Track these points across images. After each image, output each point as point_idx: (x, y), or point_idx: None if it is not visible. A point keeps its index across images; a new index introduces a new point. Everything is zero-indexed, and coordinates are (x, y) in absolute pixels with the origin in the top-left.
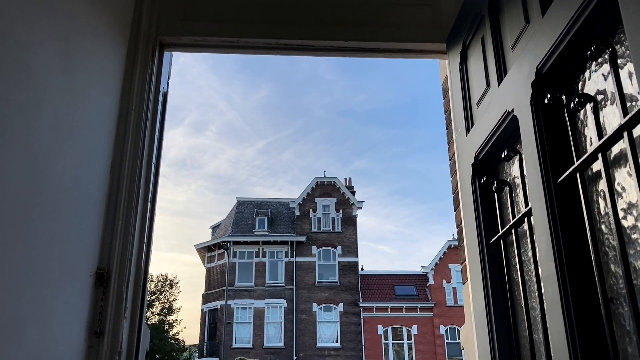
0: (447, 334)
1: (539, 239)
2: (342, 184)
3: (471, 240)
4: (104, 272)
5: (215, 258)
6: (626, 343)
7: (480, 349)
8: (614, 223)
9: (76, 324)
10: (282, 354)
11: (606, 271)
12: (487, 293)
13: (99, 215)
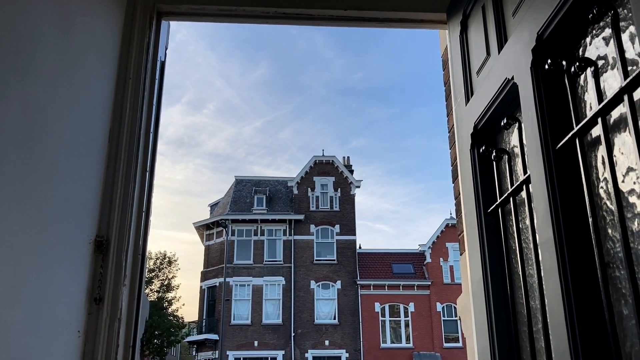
0: (444, 312)
1: (537, 206)
2: (340, 162)
3: (469, 210)
4: (103, 240)
5: (214, 236)
6: (622, 305)
7: (477, 317)
8: (612, 187)
9: (76, 289)
10: (281, 330)
11: (603, 235)
12: (485, 262)
13: (97, 184)
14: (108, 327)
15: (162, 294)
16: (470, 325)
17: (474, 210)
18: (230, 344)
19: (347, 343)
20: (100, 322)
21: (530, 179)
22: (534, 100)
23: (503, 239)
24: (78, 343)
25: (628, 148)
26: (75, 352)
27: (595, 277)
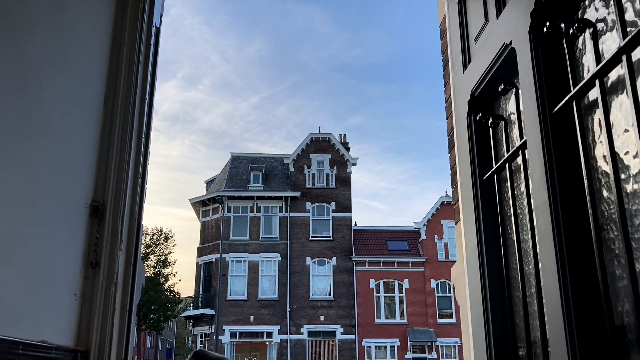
0: (438, 288)
1: (532, 171)
2: (336, 140)
3: (465, 178)
4: (99, 204)
5: (210, 212)
6: (615, 266)
7: (471, 284)
8: (608, 149)
9: (72, 253)
10: (276, 305)
11: (598, 198)
12: (479, 229)
13: (92, 148)
14: (104, 290)
15: (158, 269)
16: (464, 293)
17: (470, 178)
18: (226, 319)
19: (342, 318)
20: (96, 286)
21: (527, 144)
22: (531, 64)
23: (498, 206)
24: (75, 306)
25: (625, 110)
26: (72, 314)
27: (589, 239)
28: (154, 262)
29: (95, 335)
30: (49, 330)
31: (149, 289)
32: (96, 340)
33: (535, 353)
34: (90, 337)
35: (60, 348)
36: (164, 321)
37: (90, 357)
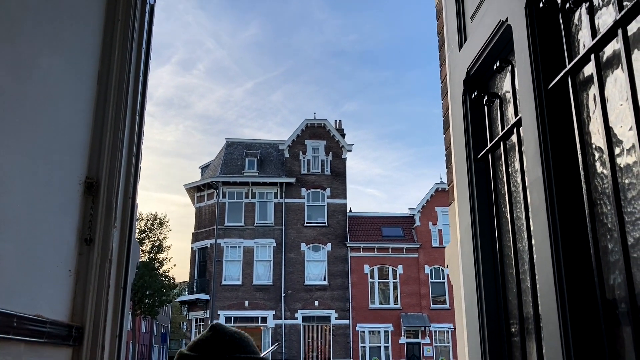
0: (432, 274)
1: (527, 147)
2: (332, 126)
3: (459, 157)
4: (93, 181)
5: (205, 198)
6: (607, 240)
7: (465, 262)
8: (602, 124)
9: (66, 229)
10: (271, 290)
11: (592, 173)
12: (473, 207)
13: (86, 125)
14: (99, 267)
15: (153, 254)
16: (457, 273)
17: (464, 157)
18: (221, 304)
19: (337, 303)
20: (91, 262)
21: (521, 121)
22: (527, 40)
23: (492, 184)
24: (69, 282)
25: (620, 84)
26: (67, 291)
27: (582, 214)
28: (149, 247)
29: (90, 311)
30: (44, 305)
31: (144, 274)
32: (91, 316)
33: (527, 329)
34: (85, 313)
35: (55, 322)
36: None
37: (85, 332)
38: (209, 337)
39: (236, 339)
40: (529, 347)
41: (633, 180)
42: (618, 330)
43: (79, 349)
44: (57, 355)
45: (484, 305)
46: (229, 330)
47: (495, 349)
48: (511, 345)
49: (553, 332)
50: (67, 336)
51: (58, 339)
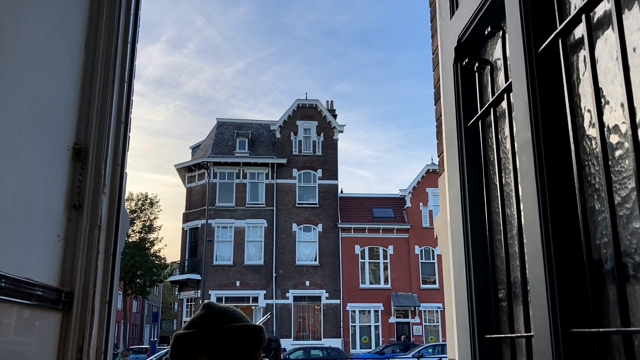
0: (422, 255)
1: (517, 111)
2: (323, 107)
3: (450, 126)
4: (82, 147)
5: (196, 178)
6: (594, 200)
7: (453, 230)
8: (592, 85)
9: (54, 194)
10: (262, 271)
11: (581, 135)
12: (463, 175)
13: (74, 92)
14: (88, 233)
15: (144, 234)
16: (446, 243)
17: (455, 125)
18: (212, 284)
19: (327, 283)
20: (80, 228)
21: (512, 86)
22: (518, 3)
23: (482, 152)
24: (58, 247)
25: (610, 45)
26: (56, 256)
27: (571, 176)
28: (140, 227)
29: (79, 277)
30: (33, 268)
31: (135, 254)
32: (80, 281)
33: (514, 293)
34: (74, 279)
35: (44, 286)
36: (150, 286)
37: (74, 298)
38: (203, 313)
39: (230, 311)
40: (516, 310)
41: (621, 140)
42: (603, 289)
43: (68, 314)
44: (46, 320)
45: (472, 271)
46: (221, 305)
47: (483, 315)
48: (498, 310)
49: (540, 294)
50: (56, 300)
51: (47, 303)
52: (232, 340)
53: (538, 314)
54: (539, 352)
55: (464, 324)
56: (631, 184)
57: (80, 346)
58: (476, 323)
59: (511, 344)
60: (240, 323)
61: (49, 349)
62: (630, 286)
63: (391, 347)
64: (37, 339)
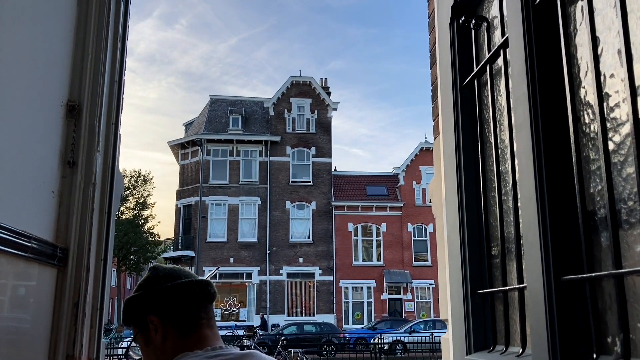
0: (414, 232)
1: (513, 65)
2: (317, 84)
3: (445, 86)
4: (75, 104)
5: (189, 155)
6: (589, 149)
7: (448, 188)
8: (589, 33)
9: (48, 150)
10: (256, 247)
11: (577, 85)
12: (458, 135)
13: (67, 48)
14: (82, 190)
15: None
16: (440, 205)
17: (450, 85)
18: (206, 261)
19: (321, 260)
20: (74, 185)
21: (508, 41)
22: None
23: (477, 111)
24: (53, 203)
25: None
26: (51, 211)
27: (566, 127)
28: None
29: (74, 233)
30: (28, 222)
31: (128, 230)
32: (75, 238)
33: (507, 248)
34: (69, 235)
35: (39, 239)
36: (144, 262)
37: (69, 254)
38: (150, 275)
39: (175, 270)
40: (509, 265)
41: (617, 87)
42: (596, 236)
43: (63, 270)
44: (42, 274)
45: (466, 229)
46: (167, 266)
47: (476, 271)
48: (491, 267)
49: (533, 244)
50: (51, 255)
51: (43, 257)
52: (179, 297)
53: (531, 264)
54: (532, 302)
55: (457, 282)
56: (625, 130)
57: (76, 302)
58: (469, 279)
59: (504, 298)
60: (186, 279)
61: (45, 303)
62: (623, 231)
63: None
64: (33, 293)
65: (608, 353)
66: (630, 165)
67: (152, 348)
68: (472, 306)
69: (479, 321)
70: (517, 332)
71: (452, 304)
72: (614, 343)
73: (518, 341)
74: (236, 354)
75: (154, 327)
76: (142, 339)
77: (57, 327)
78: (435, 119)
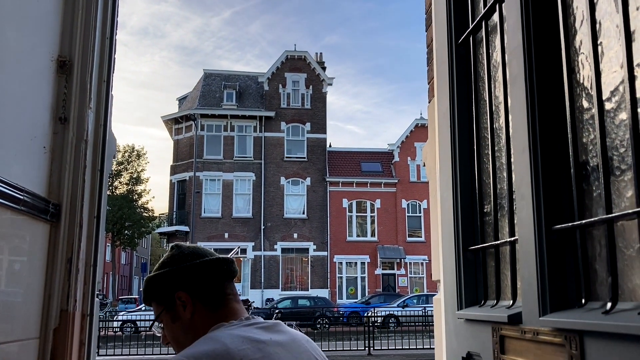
0: (409, 208)
1: (508, 18)
2: (312, 59)
3: (440, 45)
4: (66, 60)
5: (183, 130)
6: (582, 99)
7: (442, 148)
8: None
9: (39, 106)
10: (251, 223)
11: (572, 35)
12: (452, 93)
13: (57, 2)
14: (74, 147)
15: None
16: (434, 168)
17: (446, 45)
18: (200, 236)
19: (315, 236)
20: (66, 142)
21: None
22: None
23: (472, 68)
24: (45, 159)
25: None
26: (43, 167)
27: (560, 77)
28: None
29: (67, 189)
30: (20, 175)
31: (123, 205)
32: (68, 194)
33: (500, 204)
34: (62, 191)
35: (31, 193)
36: (138, 237)
37: (62, 210)
38: (175, 252)
39: (199, 249)
40: (501, 221)
41: (612, 33)
42: (587, 185)
43: (56, 226)
44: (34, 229)
45: (459, 187)
46: (190, 244)
47: (468, 229)
48: (484, 224)
49: (525, 195)
50: (44, 210)
51: (35, 210)
52: (207, 273)
53: (523, 216)
54: (523, 253)
55: (449, 239)
56: (619, 77)
57: (69, 258)
58: (461, 236)
59: (495, 253)
60: (212, 257)
61: (38, 258)
62: (614, 177)
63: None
64: (26, 247)
65: (597, 299)
66: (623, 112)
67: (179, 324)
68: (463, 263)
69: (471, 278)
70: (508, 286)
71: (444, 262)
72: (602, 289)
73: (509, 295)
74: (269, 322)
75: (181, 303)
76: (169, 315)
77: (51, 282)
78: (430, 81)
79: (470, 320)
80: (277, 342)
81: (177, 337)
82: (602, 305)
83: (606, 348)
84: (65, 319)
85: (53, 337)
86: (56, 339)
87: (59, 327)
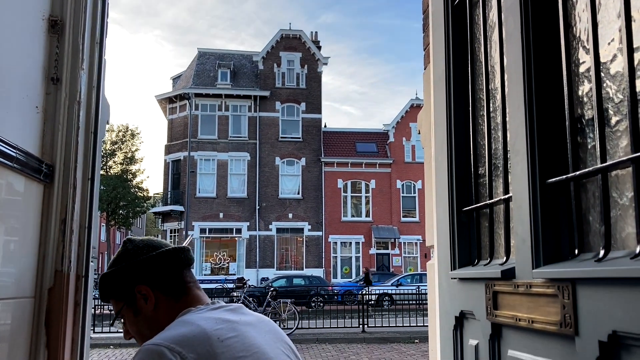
0: (403, 189)
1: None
2: (307, 38)
3: (437, 8)
4: (58, 19)
5: (177, 110)
6: (578, 53)
7: (437, 111)
8: None
9: (30, 65)
10: (245, 203)
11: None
12: (448, 56)
13: None
14: (67, 108)
15: (125, 166)
16: (429, 134)
17: (442, 7)
18: (195, 215)
19: (310, 216)
20: (59, 102)
21: None
22: None
23: (468, 29)
24: (37, 119)
25: None
26: (35, 128)
27: (556, 32)
28: (121, 159)
29: (60, 150)
30: (12, 133)
31: (117, 185)
32: (61, 155)
33: (494, 165)
34: (55, 152)
35: (24, 151)
36: (133, 217)
37: (55, 170)
38: (128, 246)
39: (152, 240)
40: (495, 181)
41: None
42: (582, 138)
43: (50, 186)
44: (28, 188)
45: (454, 149)
46: (141, 238)
47: (463, 191)
48: (478, 186)
49: (519, 151)
50: (37, 169)
51: (28, 169)
52: (165, 264)
53: (517, 172)
54: (517, 209)
55: (444, 201)
56: (615, 27)
57: (63, 218)
58: (455, 198)
59: (489, 213)
60: (168, 247)
61: (32, 217)
62: (609, 128)
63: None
64: (20, 206)
65: (590, 250)
66: (619, 64)
67: (141, 318)
68: (457, 224)
69: (464, 239)
70: (502, 245)
71: (438, 226)
72: (595, 240)
73: (502, 253)
74: (233, 305)
75: (142, 296)
76: (130, 310)
77: (45, 242)
78: (425, 47)
79: (463, 279)
80: (247, 322)
81: (141, 330)
82: (594, 256)
83: (598, 294)
84: (60, 279)
85: (48, 297)
86: (51, 299)
87: (54, 287)
